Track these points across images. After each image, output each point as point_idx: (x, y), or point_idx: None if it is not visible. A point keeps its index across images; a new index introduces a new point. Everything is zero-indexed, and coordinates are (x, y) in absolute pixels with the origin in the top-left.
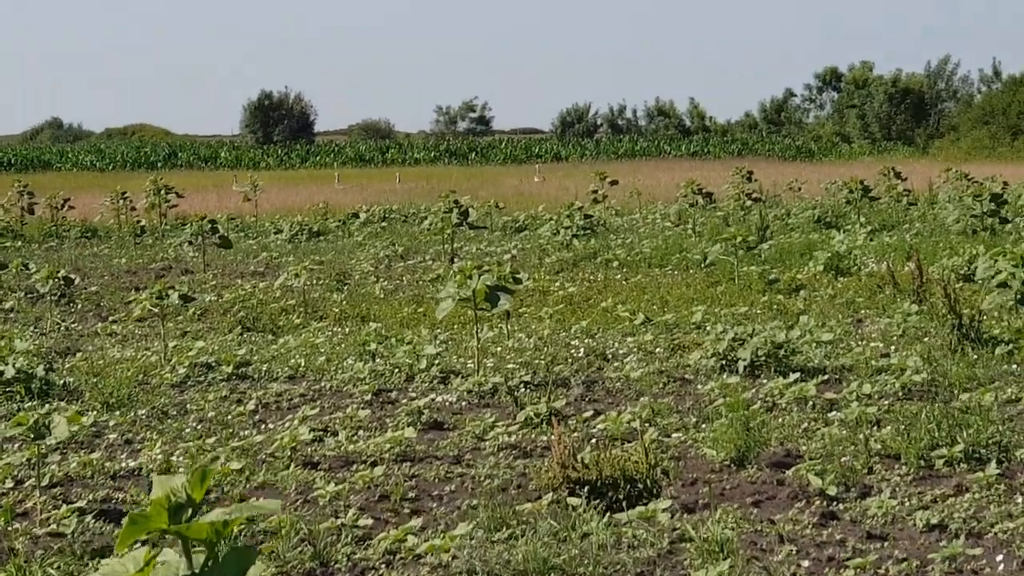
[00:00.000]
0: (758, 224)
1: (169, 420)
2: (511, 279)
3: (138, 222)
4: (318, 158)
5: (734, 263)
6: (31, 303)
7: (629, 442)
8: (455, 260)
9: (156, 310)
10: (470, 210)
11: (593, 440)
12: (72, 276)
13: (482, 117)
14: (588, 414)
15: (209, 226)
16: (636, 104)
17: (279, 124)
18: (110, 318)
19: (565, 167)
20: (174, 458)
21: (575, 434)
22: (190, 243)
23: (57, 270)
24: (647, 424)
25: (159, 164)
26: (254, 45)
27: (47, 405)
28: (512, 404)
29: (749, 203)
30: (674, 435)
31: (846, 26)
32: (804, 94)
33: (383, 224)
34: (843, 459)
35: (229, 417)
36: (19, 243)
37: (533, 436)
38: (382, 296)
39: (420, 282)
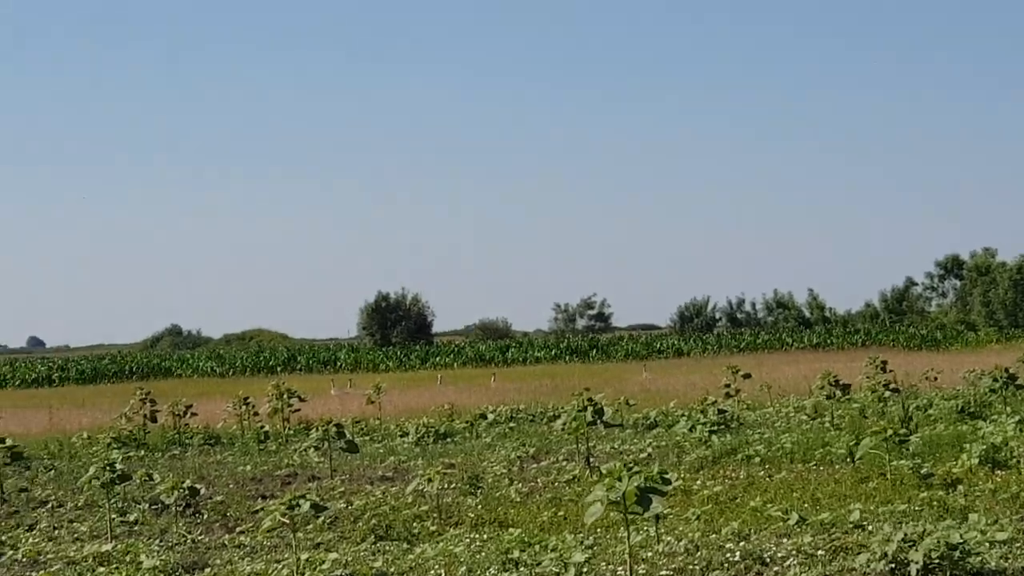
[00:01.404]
0: (901, 416)
1: None
2: (660, 479)
3: (261, 427)
4: (438, 359)
5: (885, 458)
6: (155, 514)
7: None
8: (590, 460)
9: (287, 520)
10: (604, 408)
11: None
12: (197, 486)
13: (601, 314)
14: None
15: (335, 431)
16: (755, 297)
17: (396, 325)
18: (237, 529)
19: (688, 362)
20: None
21: None
22: (316, 448)
23: (182, 480)
24: None
25: (278, 368)
26: (369, 248)
27: None
28: None
29: (887, 394)
30: None
31: (966, 214)
32: (926, 282)
33: (511, 424)
34: None
35: None
36: (142, 452)
37: None
38: (518, 500)
39: (556, 484)
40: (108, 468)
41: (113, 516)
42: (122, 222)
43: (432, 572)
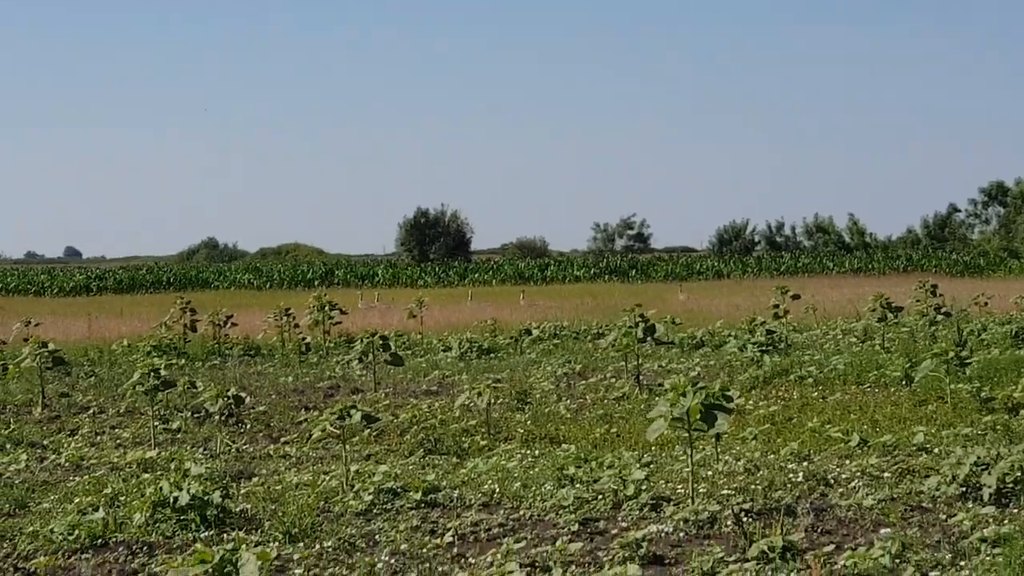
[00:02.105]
0: (955, 340)
1: (359, 553)
2: (722, 397)
3: (303, 339)
4: (476, 275)
5: (944, 380)
6: (198, 423)
7: None
8: (640, 378)
9: (336, 431)
10: (656, 325)
11: None
12: (242, 395)
13: (640, 234)
14: (828, 548)
15: (380, 343)
16: (794, 221)
17: (435, 242)
18: (282, 439)
19: (728, 284)
20: None
21: (822, 571)
22: (359, 361)
23: (226, 388)
24: (897, 560)
25: (315, 282)
26: (406, 163)
27: (224, 535)
28: (738, 535)
29: (938, 318)
30: (931, 574)
31: (1011, 140)
32: (969, 209)
33: (555, 341)
34: None
35: (424, 550)
36: (182, 361)
37: (770, 573)
38: (568, 416)
39: (605, 401)
40: (152, 374)
41: (155, 423)
42: (157, 134)
43: (485, 486)
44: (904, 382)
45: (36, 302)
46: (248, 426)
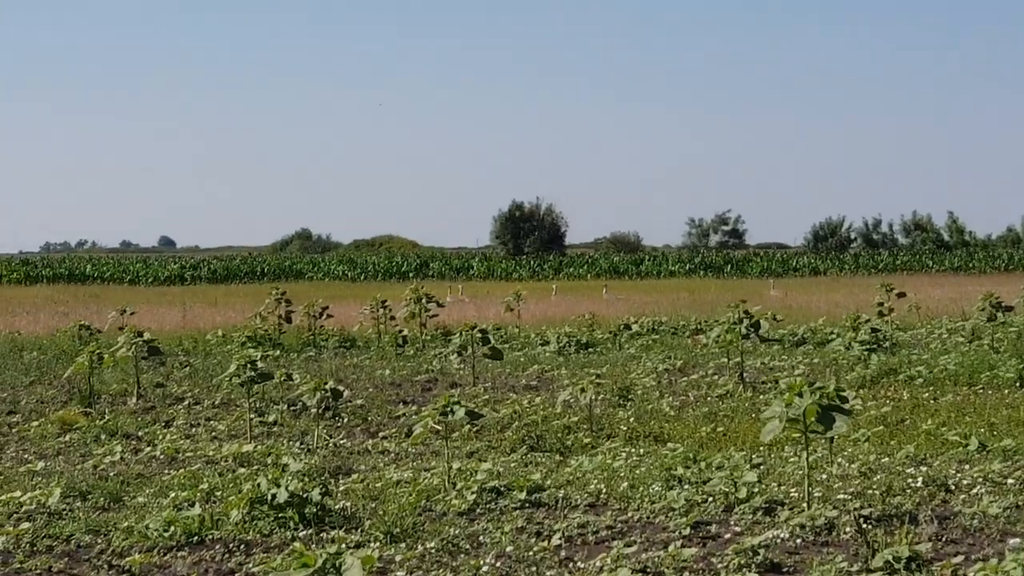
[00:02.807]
0: None
1: (463, 555)
2: (838, 398)
3: (399, 332)
4: (571, 269)
5: None
6: (294, 416)
7: None
8: (743, 375)
9: (439, 427)
10: (760, 321)
11: None
12: (340, 389)
13: (735, 230)
14: (957, 559)
15: (479, 336)
16: (892, 218)
17: (530, 235)
18: (380, 434)
19: (826, 281)
20: None
21: None
22: (458, 354)
23: (324, 381)
24: None
25: (410, 275)
26: (501, 156)
27: (323, 534)
28: (859, 543)
29: None
30: None
31: None
32: None
33: (654, 336)
34: None
35: (531, 553)
36: (277, 352)
37: None
38: (672, 414)
39: (708, 398)
40: (249, 366)
41: (251, 416)
42: (253, 125)
43: (592, 486)
44: (1019, 384)
45: (131, 291)
46: (345, 420)
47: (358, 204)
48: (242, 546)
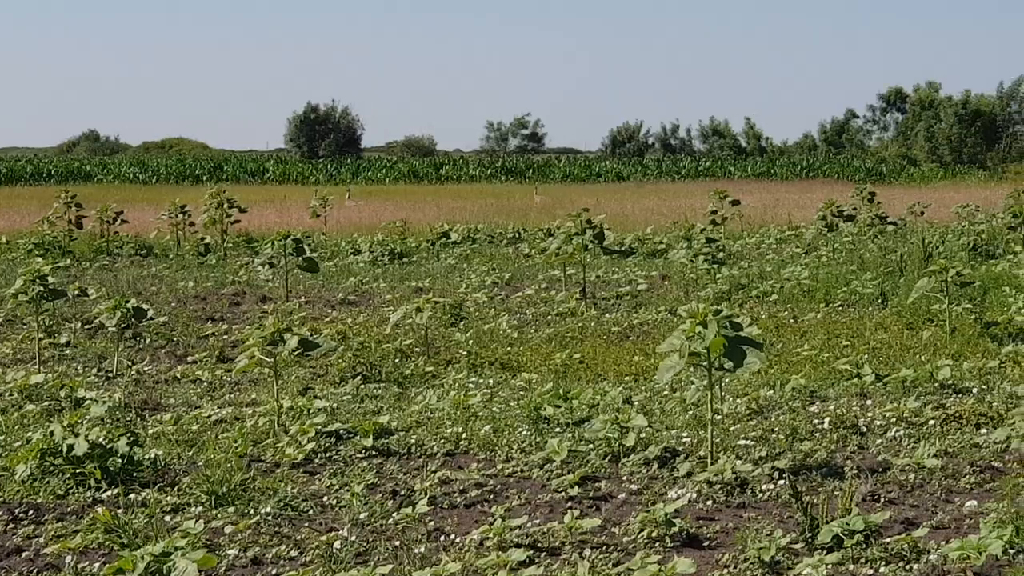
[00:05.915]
0: (920, 254)
1: (306, 525)
2: (730, 325)
3: (201, 239)
4: (369, 173)
5: (944, 302)
6: (89, 336)
7: None
8: (585, 291)
9: (267, 359)
10: (605, 231)
11: None
12: (144, 307)
13: (534, 134)
14: (920, 532)
15: (292, 245)
16: (689, 124)
17: (325, 138)
18: (188, 357)
19: (631, 187)
20: None
21: (914, 565)
22: (270, 265)
23: (124, 299)
24: (1010, 548)
25: (204, 178)
26: (292, 57)
27: (132, 495)
28: (791, 507)
29: (886, 228)
30: None
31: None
32: (867, 115)
33: (473, 246)
34: None
35: (391, 522)
36: (67, 260)
37: (853, 569)
38: (514, 335)
39: (549, 317)
40: (38, 281)
41: (41, 336)
42: (39, 22)
43: (448, 429)
44: (881, 300)
45: None
46: (148, 341)
47: (146, 105)
48: (31, 512)
